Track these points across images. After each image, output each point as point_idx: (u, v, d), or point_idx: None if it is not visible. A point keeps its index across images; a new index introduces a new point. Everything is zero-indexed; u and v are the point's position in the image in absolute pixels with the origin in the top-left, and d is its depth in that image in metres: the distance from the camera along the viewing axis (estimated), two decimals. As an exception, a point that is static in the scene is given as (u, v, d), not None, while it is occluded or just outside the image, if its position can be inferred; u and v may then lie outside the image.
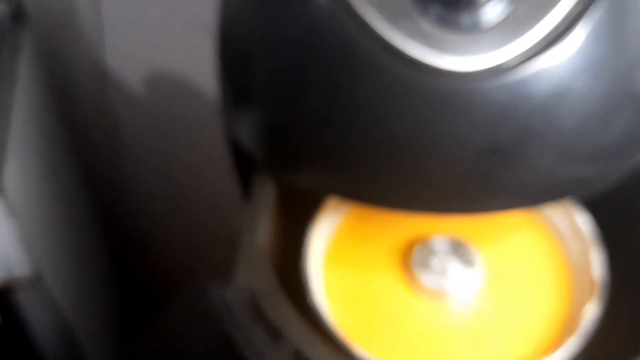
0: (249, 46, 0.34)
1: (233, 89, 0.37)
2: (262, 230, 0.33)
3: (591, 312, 0.33)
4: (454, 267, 0.36)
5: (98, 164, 1.01)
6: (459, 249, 0.36)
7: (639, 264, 0.35)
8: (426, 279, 0.36)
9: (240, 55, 0.35)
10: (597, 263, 0.35)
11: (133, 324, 1.00)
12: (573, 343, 0.32)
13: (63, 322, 0.75)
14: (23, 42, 0.78)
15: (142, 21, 0.83)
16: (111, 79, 0.86)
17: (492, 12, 0.28)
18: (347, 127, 0.30)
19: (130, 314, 1.03)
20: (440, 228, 0.38)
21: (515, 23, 0.28)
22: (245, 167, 0.38)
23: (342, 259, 0.38)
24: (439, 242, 0.37)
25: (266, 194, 0.35)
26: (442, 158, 0.29)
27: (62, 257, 0.80)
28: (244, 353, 0.28)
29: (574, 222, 0.37)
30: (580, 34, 0.28)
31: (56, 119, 0.90)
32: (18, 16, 0.76)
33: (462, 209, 0.32)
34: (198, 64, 0.81)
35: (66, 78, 0.95)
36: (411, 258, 0.37)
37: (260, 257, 0.32)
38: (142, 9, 0.82)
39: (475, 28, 0.28)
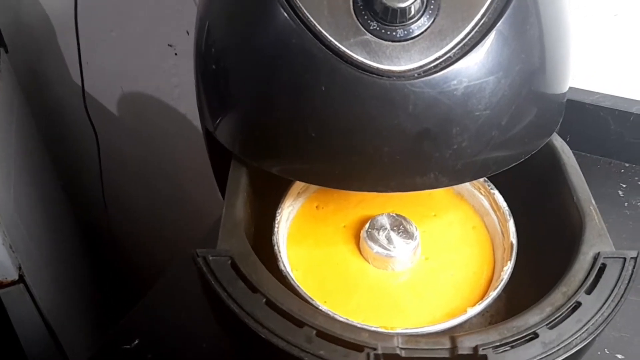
0: (223, 62, 0.38)
1: (211, 99, 0.41)
2: (238, 208, 0.37)
3: (509, 271, 0.38)
4: (398, 239, 0.40)
5: (78, 174, 1.03)
6: (401, 225, 0.41)
7: (540, 231, 0.41)
8: (375, 249, 0.40)
9: (217, 71, 0.38)
10: (513, 232, 0.40)
11: (109, 321, 1.01)
12: (494, 296, 0.36)
13: (43, 320, 0.76)
14: (1, 68, 0.80)
15: (116, 43, 0.86)
16: (88, 97, 0.88)
17: (418, 27, 0.33)
18: (308, 122, 0.34)
19: (107, 310, 1.04)
20: (386, 208, 0.43)
21: (437, 34, 0.33)
22: (220, 158, 0.42)
23: (305, 234, 0.42)
24: (385, 220, 0.41)
25: (240, 179, 0.39)
26: (385, 143, 0.34)
27: (43, 261, 0.82)
28: (225, 302, 0.32)
29: (493, 200, 0.42)
30: (488, 44, 0.33)
31: (37, 135, 0.92)
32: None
33: (401, 187, 0.36)
34: (168, 82, 0.85)
35: (46, 97, 0.97)
36: (362, 233, 0.41)
37: (236, 229, 0.36)
38: (115, 34, 0.85)
39: (406, 38, 0.33)
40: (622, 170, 0.62)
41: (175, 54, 0.81)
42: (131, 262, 1.11)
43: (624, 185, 0.60)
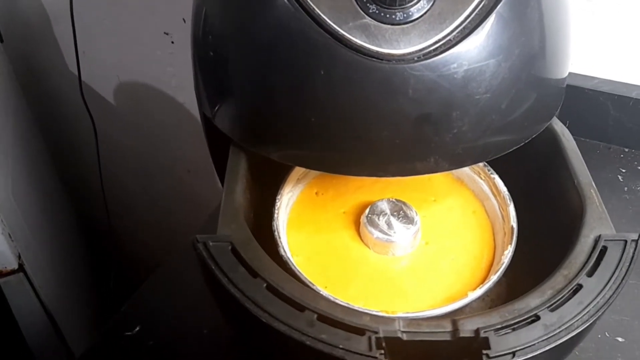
0: (222, 48, 0.38)
1: (210, 85, 0.40)
2: (237, 194, 0.37)
3: (509, 255, 0.38)
4: (398, 224, 0.40)
5: (75, 163, 1.03)
6: (401, 210, 0.41)
7: (541, 215, 0.41)
8: (376, 235, 0.40)
9: (215, 57, 0.38)
10: (513, 216, 0.40)
11: (108, 308, 1.01)
12: (495, 280, 0.37)
13: (44, 308, 0.76)
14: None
15: (112, 32, 0.86)
16: (85, 87, 0.88)
17: (417, 10, 0.33)
18: (307, 107, 0.34)
19: (105, 298, 1.04)
20: (385, 194, 0.43)
21: (437, 17, 0.33)
22: (219, 145, 0.42)
23: (305, 221, 0.42)
24: (385, 205, 0.41)
25: (239, 165, 0.39)
26: (385, 127, 0.34)
27: (42, 250, 0.82)
28: (226, 287, 0.32)
29: (493, 184, 0.42)
30: (487, 27, 0.33)
31: (35, 126, 0.92)
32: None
33: (401, 171, 0.36)
34: (165, 71, 0.85)
35: (42, 87, 0.96)
36: (362, 219, 0.41)
37: (236, 215, 0.35)
38: (110, 22, 0.84)
39: (405, 21, 0.33)
40: (622, 155, 0.62)
41: (172, 42, 0.80)
42: (129, 250, 1.11)
43: (624, 170, 0.60)
